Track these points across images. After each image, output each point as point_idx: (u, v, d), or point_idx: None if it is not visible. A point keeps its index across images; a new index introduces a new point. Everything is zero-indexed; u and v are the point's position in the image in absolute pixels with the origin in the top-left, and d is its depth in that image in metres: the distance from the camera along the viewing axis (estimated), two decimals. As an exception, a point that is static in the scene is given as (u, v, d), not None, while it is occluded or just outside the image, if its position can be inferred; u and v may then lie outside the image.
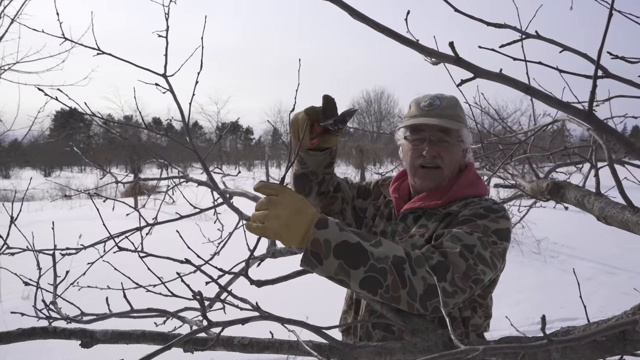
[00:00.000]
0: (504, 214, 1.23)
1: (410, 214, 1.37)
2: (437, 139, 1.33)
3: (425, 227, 1.31)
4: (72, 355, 3.78)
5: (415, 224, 1.34)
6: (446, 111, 1.33)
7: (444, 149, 1.33)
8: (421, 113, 1.35)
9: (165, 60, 1.43)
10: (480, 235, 1.13)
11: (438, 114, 1.32)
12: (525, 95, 0.83)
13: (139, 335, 0.78)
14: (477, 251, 1.10)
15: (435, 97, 1.37)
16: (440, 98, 1.36)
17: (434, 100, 1.35)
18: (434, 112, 1.33)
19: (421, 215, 1.35)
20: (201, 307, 0.72)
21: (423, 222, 1.32)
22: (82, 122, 49.31)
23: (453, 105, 1.36)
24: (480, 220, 1.18)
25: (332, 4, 0.80)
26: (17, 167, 37.58)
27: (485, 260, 1.10)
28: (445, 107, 1.34)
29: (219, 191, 1.28)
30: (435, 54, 0.82)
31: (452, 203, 1.30)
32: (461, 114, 1.37)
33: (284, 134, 43.39)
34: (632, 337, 0.82)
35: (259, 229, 0.96)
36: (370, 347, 0.89)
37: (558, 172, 1.96)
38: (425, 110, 1.34)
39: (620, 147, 0.92)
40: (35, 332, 0.73)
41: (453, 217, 1.25)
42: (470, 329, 1.30)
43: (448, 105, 1.35)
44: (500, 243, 1.16)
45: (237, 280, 1.32)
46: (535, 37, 1.12)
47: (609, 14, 0.78)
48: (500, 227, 1.17)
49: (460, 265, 1.05)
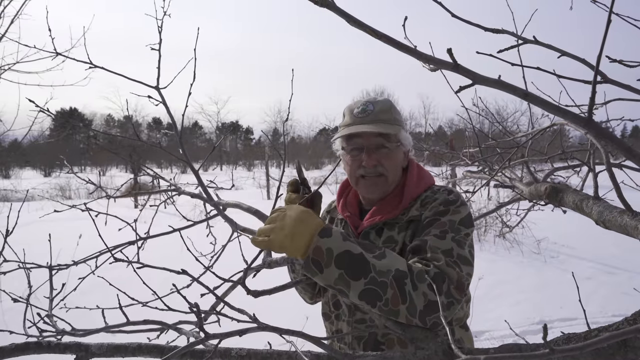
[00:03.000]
0: (461, 201, 1.24)
1: (371, 230, 1.32)
2: (375, 146, 1.29)
3: (392, 239, 1.27)
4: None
5: (380, 237, 1.30)
6: (380, 116, 1.29)
7: (384, 155, 1.29)
8: (355, 120, 1.30)
9: (158, 73, 1.42)
10: (453, 235, 1.14)
11: (372, 120, 1.28)
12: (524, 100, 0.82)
13: (135, 348, 0.77)
14: (457, 253, 1.10)
15: (367, 102, 1.32)
16: (374, 102, 1.31)
17: (366, 105, 1.31)
18: (368, 118, 1.28)
19: (382, 227, 1.31)
20: (198, 319, 0.71)
21: (388, 235, 1.28)
22: (82, 122, 49.28)
23: (387, 108, 1.31)
24: (443, 217, 1.18)
25: (329, 10, 0.80)
26: (17, 167, 37.59)
27: (466, 259, 1.11)
28: (379, 112, 1.29)
29: (213, 203, 1.27)
30: (433, 61, 0.81)
31: (410, 207, 1.28)
32: (397, 116, 1.33)
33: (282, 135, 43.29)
34: (633, 343, 0.81)
35: (264, 242, 0.96)
36: (369, 357, 0.88)
37: (556, 175, 1.96)
38: (359, 117, 1.30)
39: (620, 153, 0.92)
40: (29, 347, 0.72)
41: (417, 223, 1.24)
42: (455, 323, 1.31)
43: (382, 109, 1.30)
44: (469, 231, 1.18)
45: (234, 292, 1.31)
46: (533, 42, 1.11)
47: (608, 20, 0.78)
48: (463, 216, 1.19)
49: (452, 275, 1.05)
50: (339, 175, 20.29)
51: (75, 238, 2.19)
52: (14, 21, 5.05)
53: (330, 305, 1.42)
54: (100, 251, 1.25)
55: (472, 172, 2.31)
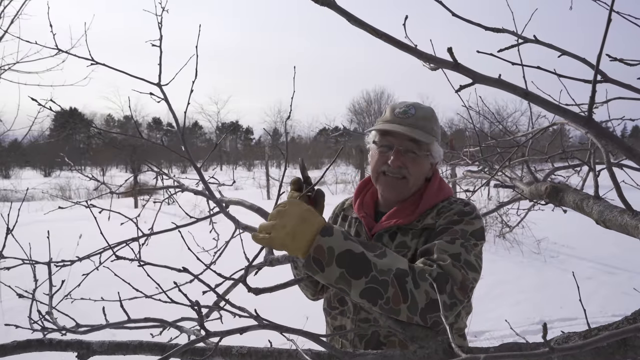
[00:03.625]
0: (476, 214, 1.25)
1: (384, 233, 1.33)
2: (405, 149, 1.30)
3: (405, 244, 1.29)
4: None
5: (392, 241, 1.31)
6: (420, 122, 1.30)
7: (411, 159, 1.30)
8: (394, 120, 1.32)
9: (160, 69, 1.42)
10: (462, 241, 1.15)
11: (411, 124, 1.29)
12: (524, 100, 0.82)
13: (136, 345, 0.77)
14: (464, 258, 1.11)
15: (411, 105, 1.33)
16: (417, 107, 1.33)
17: (409, 108, 1.32)
18: (407, 120, 1.30)
19: (396, 232, 1.32)
20: (199, 316, 0.71)
21: (401, 240, 1.30)
22: (82, 122, 49.26)
23: (428, 117, 1.33)
24: (456, 226, 1.20)
25: (329, 9, 0.80)
26: (17, 167, 37.60)
27: (472, 265, 1.12)
28: (419, 118, 1.31)
29: (215, 200, 1.28)
30: (433, 60, 0.81)
31: (425, 215, 1.30)
32: (435, 127, 1.34)
33: (283, 135, 43.32)
34: (633, 342, 0.81)
35: (265, 239, 0.96)
36: (370, 355, 0.89)
37: (556, 174, 1.96)
38: (398, 117, 1.31)
39: (620, 152, 0.92)
40: (30, 345, 0.73)
41: (431, 231, 1.26)
42: (454, 332, 1.31)
43: (423, 116, 1.32)
44: (479, 243, 1.20)
45: (235, 290, 1.31)
46: (533, 41, 1.12)
47: (608, 18, 0.78)
48: (476, 228, 1.21)
49: (456, 276, 1.06)
50: (339, 175, 20.28)
51: (75, 238, 2.20)
52: (14, 21, 5.05)
53: (334, 301, 1.42)
54: (104, 248, 1.25)
55: (472, 171, 2.31)
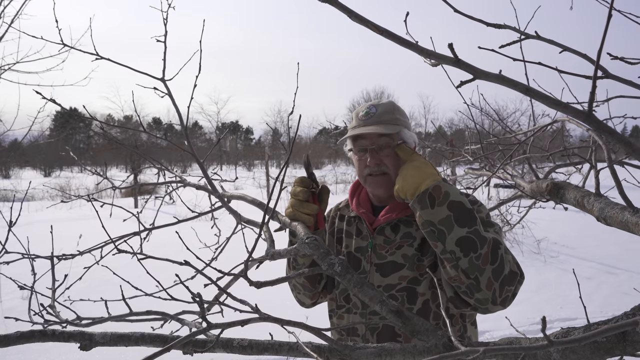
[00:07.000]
0: (480, 202, 1.36)
1: (386, 226, 1.38)
2: (379, 147, 1.36)
3: (410, 235, 1.34)
4: (70, 356, 3.78)
5: (396, 234, 1.36)
6: (383, 117, 1.36)
7: (386, 155, 1.36)
8: (360, 123, 1.38)
9: (164, 64, 1.43)
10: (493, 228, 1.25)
11: (375, 122, 1.35)
12: (525, 95, 0.83)
13: (138, 337, 0.78)
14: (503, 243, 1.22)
15: (371, 105, 1.40)
16: (376, 105, 1.39)
17: (370, 108, 1.39)
18: (371, 120, 1.36)
19: (398, 224, 1.37)
20: (200, 309, 0.72)
21: (405, 231, 1.35)
22: (82, 122, 49.28)
23: (390, 110, 1.38)
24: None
25: (331, 5, 0.80)
26: (17, 167, 37.63)
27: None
28: (381, 113, 1.37)
29: (217, 195, 1.28)
30: (434, 56, 0.81)
31: None
32: (399, 116, 1.39)
33: (283, 134, 43.37)
34: (632, 337, 0.81)
35: (398, 188, 1.21)
36: (370, 349, 0.89)
37: (558, 172, 1.96)
38: (362, 120, 1.38)
39: (621, 147, 0.92)
40: (34, 335, 0.73)
41: None
42: (467, 320, 1.37)
43: (384, 111, 1.38)
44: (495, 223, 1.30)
45: (236, 282, 1.31)
46: (534, 37, 1.12)
47: (609, 15, 0.78)
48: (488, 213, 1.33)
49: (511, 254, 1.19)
50: (339, 175, 20.29)
51: (75, 238, 2.21)
52: (14, 21, 5.05)
53: (340, 299, 1.45)
54: (105, 241, 1.26)
55: (473, 169, 2.32)
